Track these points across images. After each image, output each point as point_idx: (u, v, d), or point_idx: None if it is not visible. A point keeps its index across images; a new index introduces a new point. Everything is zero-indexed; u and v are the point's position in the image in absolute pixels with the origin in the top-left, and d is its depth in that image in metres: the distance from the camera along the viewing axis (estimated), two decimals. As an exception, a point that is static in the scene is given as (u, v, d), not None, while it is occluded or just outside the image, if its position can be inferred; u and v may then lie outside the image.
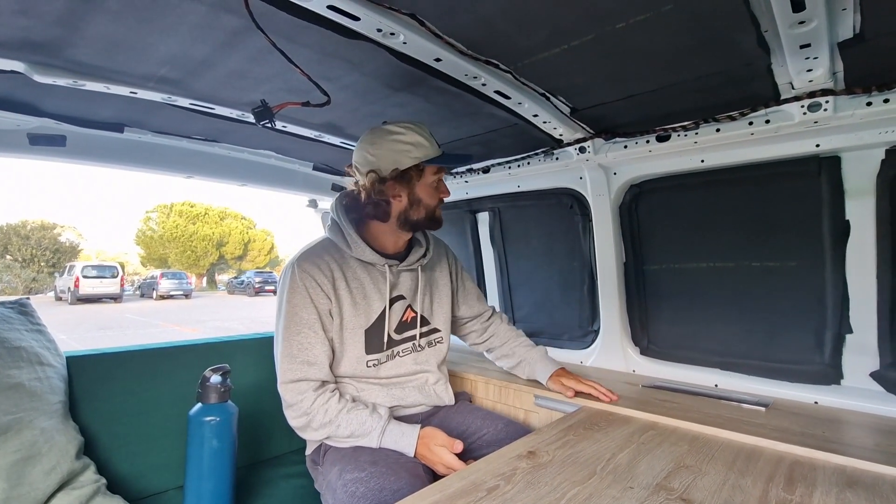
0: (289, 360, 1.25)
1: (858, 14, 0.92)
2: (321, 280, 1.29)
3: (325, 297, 1.30)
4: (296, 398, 1.24)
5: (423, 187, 1.34)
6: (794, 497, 0.87)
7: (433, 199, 1.37)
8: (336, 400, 1.26)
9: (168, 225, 35.51)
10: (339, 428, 1.24)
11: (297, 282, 1.28)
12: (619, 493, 0.88)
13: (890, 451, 1.03)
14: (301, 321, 1.27)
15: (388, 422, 1.26)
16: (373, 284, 1.37)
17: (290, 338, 1.26)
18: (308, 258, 1.32)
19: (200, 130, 1.66)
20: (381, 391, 1.38)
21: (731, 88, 1.23)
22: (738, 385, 1.54)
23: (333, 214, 1.40)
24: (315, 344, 1.27)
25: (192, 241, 35.37)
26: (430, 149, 1.31)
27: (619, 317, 1.80)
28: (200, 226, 36.26)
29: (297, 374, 1.25)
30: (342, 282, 1.33)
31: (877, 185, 1.26)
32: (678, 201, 1.65)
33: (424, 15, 0.96)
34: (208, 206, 37.95)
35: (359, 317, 1.34)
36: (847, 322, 1.36)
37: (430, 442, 1.21)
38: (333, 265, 1.32)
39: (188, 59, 1.12)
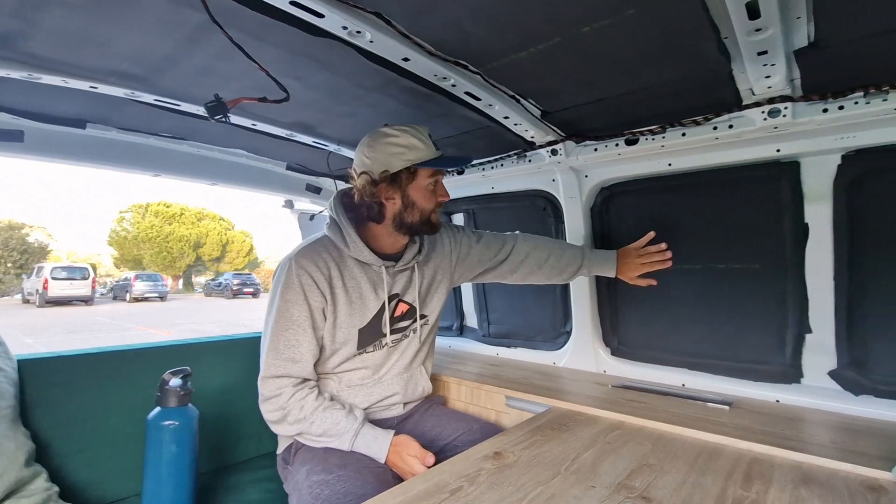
0: (273, 354, 1.25)
1: (812, 23, 0.95)
2: (317, 277, 1.28)
3: (321, 295, 1.28)
4: (274, 392, 1.24)
5: (416, 189, 1.31)
6: (751, 494, 0.88)
7: (428, 202, 1.33)
8: (314, 397, 1.25)
9: (143, 225, 34.60)
10: (312, 425, 1.23)
11: (292, 277, 1.27)
12: (581, 493, 0.88)
13: (844, 448, 1.06)
14: (291, 318, 1.26)
15: (363, 425, 1.25)
16: (369, 285, 1.36)
17: (278, 333, 1.26)
18: (306, 254, 1.30)
19: (168, 128, 1.62)
20: (360, 391, 1.37)
21: (695, 94, 1.26)
22: (705, 384, 1.57)
23: (332, 213, 1.39)
24: (302, 342, 1.26)
25: (168, 242, 34.54)
26: (423, 151, 1.29)
27: (590, 318, 1.82)
28: (177, 226, 35.43)
29: (280, 371, 1.24)
30: (339, 280, 1.31)
31: (833, 190, 1.31)
32: (647, 204, 1.68)
33: (390, 14, 0.95)
34: (185, 206, 37.13)
35: (353, 316, 1.33)
36: (807, 322, 1.40)
37: (403, 451, 1.21)
38: (331, 263, 1.31)
39: (151, 54, 1.10)
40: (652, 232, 1.58)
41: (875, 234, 1.27)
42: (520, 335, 2.12)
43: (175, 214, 35.95)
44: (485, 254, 1.60)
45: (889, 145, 1.20)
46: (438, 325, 1.58)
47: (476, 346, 2.28)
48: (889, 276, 1.26)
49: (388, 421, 1.42)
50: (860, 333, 1.31)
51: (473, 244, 1.60)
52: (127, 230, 34.94)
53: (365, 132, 1.34)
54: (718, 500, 0.86)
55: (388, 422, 1.41)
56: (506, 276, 1.65)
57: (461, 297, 2.38)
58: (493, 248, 1.61)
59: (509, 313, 2.16)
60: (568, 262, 1.62)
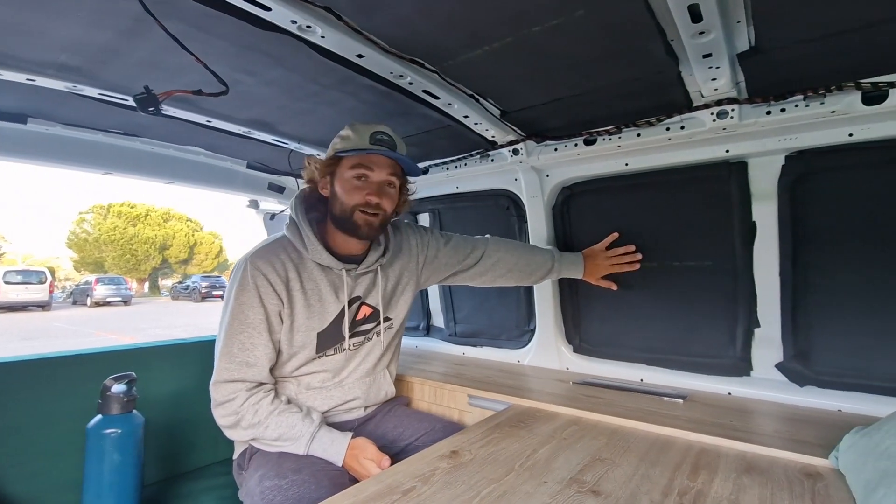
0: (227, 358, 1.21)
1: (752, 27, 0.98)
2: (273, 279, 1.24)
3: (276, 298, 1.25)
4: (227, 397, 1.20)
5: (340, 181, 1.28)
6: (696, 484, 0.91)
7: (349, 197, 1.27)
8: (269, 401, 1.22)
9: (105, 227, 33.19)
10: (267, 429, 1.20)
11: (247, 279, 1.23)
12: (533, 489, 0.89)
13: (786, 437, 1.10)
14: (246, 320, 1.22)
15: (319, 428, 1.23)
16: (329, 287, 1.32)
17: (231, 336, 1.22)
18: (263, 256, 1.26)
19: (117, 123, 1.56)
20: (319, 394, 1.34)
21: (647, 95, 1.29)
22: (662, 379, 1.61)
23: (292, 212, 1.34)
24: (257, 345, 1.23)
25: (133, 243, 33.25)
26: (352, 141, 1.25)
27: (553, 316, 1.84)
28: (142, 227, 34.15)
29: (234, 375, 1.20)
30: (296, 283, 1.28)
31: (778, 190, 1.36)
32: (607, 203, 1.71)
33: (340, 9, 0.94)
34: (150, 206, 35.83)
35: (312, 319, 1.30)
36: (755, 317, 1.46)
37: (360, 454, 1.19)
38: (289, 265, 1.27)
39: (89, 45, 1.05)
40: (616, 233, 1.64)
41: (815, 232, 1.33)
42: (485, 334, 2.13)
43: (140, 215, 34.64)
44: (453, 257, 1.59)
45: (827, 147, 1.26)
46: (405, 328, 1.56)
47: (442, 346, 2.27)
48: (828, 272, 1.32)
49: (349, 423, 1.40)
50: (803, 327, 1.37)
51: (441, 247, 1.58)
52: (88, 232, 33.46)
53: (325, 130, 1.33)
54: (665, 491, 0.88)
55: (348, 424, 1.39)
56: (475, 279, 1.65)
57: (428, 297, 2.37)
58: (462, 251, 1.60)
59: (475, 312, 2.17)
60: (538, 265, 1.64)
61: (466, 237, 1.65)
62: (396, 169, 1.31)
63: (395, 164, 1.30)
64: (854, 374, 1.29)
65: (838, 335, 1.32)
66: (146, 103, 1.08)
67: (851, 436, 0.96)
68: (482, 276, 1.64)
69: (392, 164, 1.29)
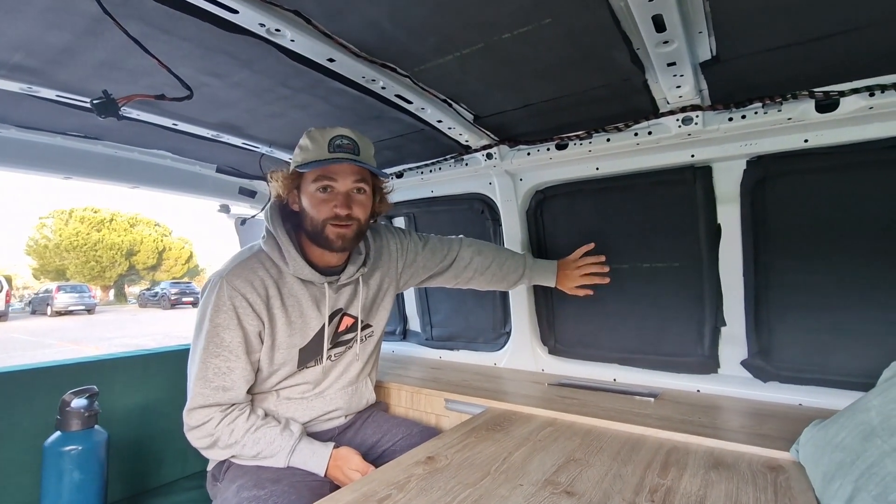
0: (202, 383, 1.15)
1: (713, 38, 1.02)
2: (253, 299, 1.17)
3: (256, 318, 1.18)
4: (200, 421, 1.15)
5: (305, 195, 1.23)
6: (667, 481, 0.93)
7: (318, 211, 1.20)
8: (244, 419, 1.17)
9: (66, 232, 31.76)
10: (244, 448, 1.16)
11: (224, 299, 1.15)
12: (508, 492, 0.89)
13: (751, 432, 1.14)
14: (222, 343, 1.16)
15: (300, 440, 1.20)
16: (311, 302, 1.27)
17: (207, 360, 1.15)
18: (240, 273, 1.18)
19: (76, 126, 1.50)
20: (300, 405, 1.31)
21: (616, 101, 1.32)
22: (634, 378, 1.65)
23: (268, 225, 1.25)
24: (234, 369, 1.17)
25: (97, 249, 31.91)
26: (310, 152, 1.19)
27: (528, 319, 1.86)
28: (106, 233, 32.82)
29: (209, 400, 1.15)
30: (277, 300, 1.21)
31: (741, 193, 1.41)
32: (578, 206, 1.74)
33: (309, 13, 0.93)
34: (116, 211, 34.53)
35: (293, 336, 1.25)
36: (721, 316, 1.50)
37: (344, 465, 1.17)
38: (269, 282, 1.20)
39: (44, 45, 1.01)
40: (592, 244, 1.67)
41: (775, 233, 1.38)
42: (462, 337, 2.13)
43: (104, 220, 33.31)
44: (431, 259, 1.58)
45: (784, 152, 1.31)
46: (384, 333, 1.55)
47: (419, 350, 2.27)
48: (787, 271, 1.38)
49: (330, 432, 1.38)
50: (765, 325, 1.42)
51: (420, 250, 1.57)
52: (48, 238, 31.95)
53: (297, 134, 1.29)
54: (637, 489, 0.90)
55: (329, 432, 1.37)
56: (449, 281, 1.65)
57: (404, 302, 2.36)
58: (438, 253, 1.59)
59: (452, 316, 2.17)
60: (510, 269, 1.64)
61: (441, 238, 1.64)
62: (363, 173, 1.23)
63: (361, 168, 1.22)
64: (813, 369, 1.35)
65: (798, 332, 1.38)
66: (105, 108, 1.04)
67: (810, 429, 1.00)
68: (456, 279, 1.64)
69: (357, 169, 1.21)
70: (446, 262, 1.60)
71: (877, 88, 1.11)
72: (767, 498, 0.85)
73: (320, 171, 1.19)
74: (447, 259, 1.60)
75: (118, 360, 1.44)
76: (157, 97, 1.13)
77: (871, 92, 1.12)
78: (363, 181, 1.24)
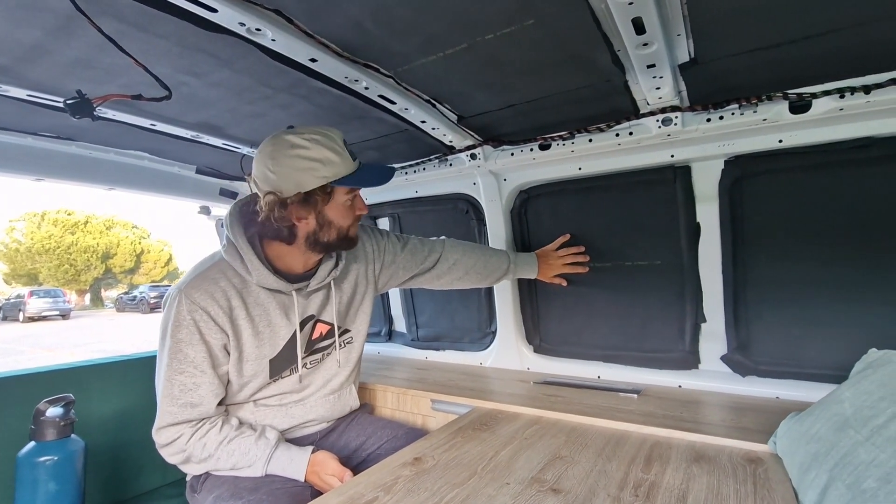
0: (169, 401, 1.12)
1: (691, 40, 1.04)
2: (215, 312, 1.12)
3: (220, 332, 1.14)
4: (170, 439, 1.12)
5: (333, 208, 1.16)
6: (650, 476, 0.95)
7: (346, 219, 1.19)
8: (216, 432, 1.14)
9: (39, 236, 30.75)
10: (219, 461, 1.13)
11: (183, 314, 1.11)
12: (495, 491, 0.90)
13: (731, 426, 1.17)
14: (185, 359, 1.11)
15: (276, 448, 1.17)
16: (279, 310, 1.22)
17: (171, 377, 1.11)
18: (199, 286, 1.13)
19: (48, 126, 1.45)
20: (279, 412, 1.29)
21: (597, 102, 1.33)
22: (618, 375, 1.67)
23: (228, 233, 1.18)
24: (201, 384, 1.13)
25: (71, 253, 30.98)
26: (340, 165, 1.12)
27: (513, 318, 1.87)
28: (81, 236, 31.89)
29: (178, 418, 1.11)
30: (241, 311, 1.16)
31: (719, 192, 1.44)
32: (562, 206, 1.76)
33: (290, 12, 0.92)
34: (90, 213, 33.59)
35: (262, 347, 1.20)
36: (702, 312, 1.54)
37: (321, 471, 1.15)
38: (231, 292, 1.15)
39: (14, 43, 0.97)
40: (567, 234, 1.68)
41: (752, 231, 1.42)
42: (448, 337, 2.13)
43: (78, 223, 32.37)
44: (411, 261, 1.54)
45: (760, 152, 1.35)
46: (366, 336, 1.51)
47: (405, 351, 2.26)
48: (764, 268, 1.41)
49: (311, 437, 1.36)
50: (744, 320, 1.46)
51: (399, 251, 1.53)
52: (19, 241, 30.89)
53: (278, 134, 1.26)
54: (621, 485, 0.91)
55: (310, 437, 1.35)
56: (432, 282, 1.62)
57: (389, 302, 2.35)
58: (419, 254, 1.56)
59: (437, 316, 2.17)
60: (494, 267, 1.64)
61: (423, 239, 1.61)
62: None
63: None
64: (789, 363, 1.39)
65: (774, 327, 1.41)
66: (79, 108, 1.00)
67: (787, 422, 1.03)
68: (440, 279, 1.61)
69: None
70: (428, 263, 1.57)
71: (847, 90, 1.15)
72: (747, 490, 0.87)
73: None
74: (429, 260, 1.57)
75: (95, 367, 1.40)
76: (134, 97, 1.10)
77: (841, 94, 1.16)
78: None
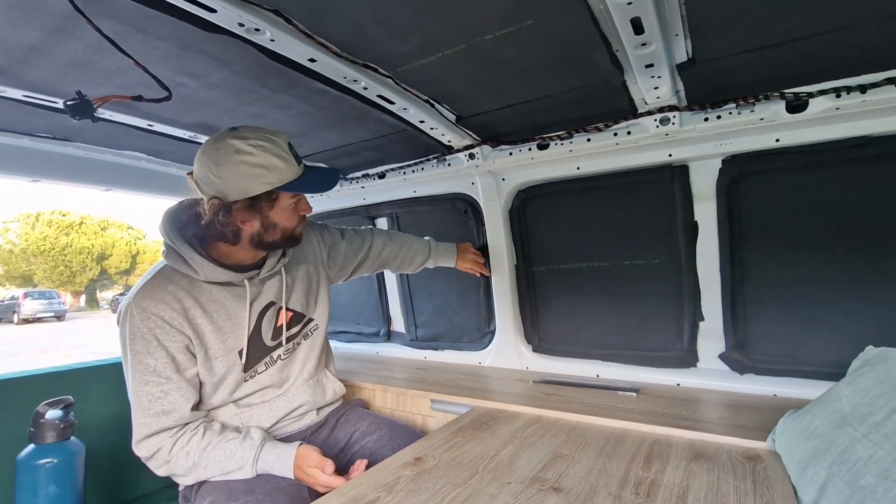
0: (141, 413, 1.10)
1: (689, 41, 1.04)
2: (170, 316, 1.11)
3: (180, 334, 1.13)
4: (151, 451, 1.10)
5: (278, 212, 1.17)
6: (650, 474, 0.95)
7: (291, 221, 1.21)
8: (198, 438, 1.13)
9: (33, 237, 30.51)
10: (206, 469, 1.12)
11: (136, 325, 1.09)
12: (497, 490, 0.90)
13: (729, 423, 1.18)
14: (147, 369, 1.10)
15: (262, 447, 1.16)
16: (236, 302, 1.22)
17: (138, 389, 1.10)
18: (147, 294, 1.12)
19: (44, 127, 1.45)
20: (262, 409, 1.27)
21: (595, 102, 1.34)
22: (617, 374, 1.68)
23: (165, 237, 1.17)
24: (169, 391, 1.11)
25: (66, 254, 30.76)
26: (286, 171, 1.12)
27: (512, 317, 1.87)
28: (76, 237, 31.66)
29: (153, 428, 1.10)
30: (197, 310, 1.15)
31: (716, 191, 1.45)
32: (560, 205, 1.76)
33: (289, 12, 0.92)
34: (85, 215, 33.36)
35: (227, 341, 1.20)
36: (700, 311, 1.54)
37: (304, 464, 1.14)
38: (181, 294, 1.14)
39: (11, 43, 0.97)
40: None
41: (749, 230, 1.43)
42: (447, 337, 2.13)
43: (73, 224, 32.16)
44: (351, 249, 1.61)
45: (757, 151, 1.35)
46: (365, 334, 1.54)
47: (404, 351, 2.26)
48: (761, 266, 1.42)
49: (301, 433, 1.35)
50: (741, 319, 1.46)
51: (340, 241, 1.59)
52: (13, 243, 30.66)
53: (275, 135, 1.26)
54: (622, 483, 0.92)
55: (300, 434, 1.34)
56: (368, 269, 1.70)
57: (387, 302, 2.35)
58: (356, 243, 1.63)
59: (435, 315, 2.17)
60: (417, 252, 1.77)
61: (356, 229, 1.68)
62: None
63: None
64: (786, 361, 1.40)
65: (772, 325, 1.42)
66: (79, 110, 1.00)
67: (785, 419, 1.04)
68: (373, 267, 1.71)
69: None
70: (363, 251, 1.65)
71: (843, 90, 1.16)
72: (746, 487, 0.88)
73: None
74: (364, 248, 1.65)
75: (94, 369, 1.39)
76: (134, 98, 1.09)
77: (837, 93, 1.17)
78: None
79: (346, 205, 2.26)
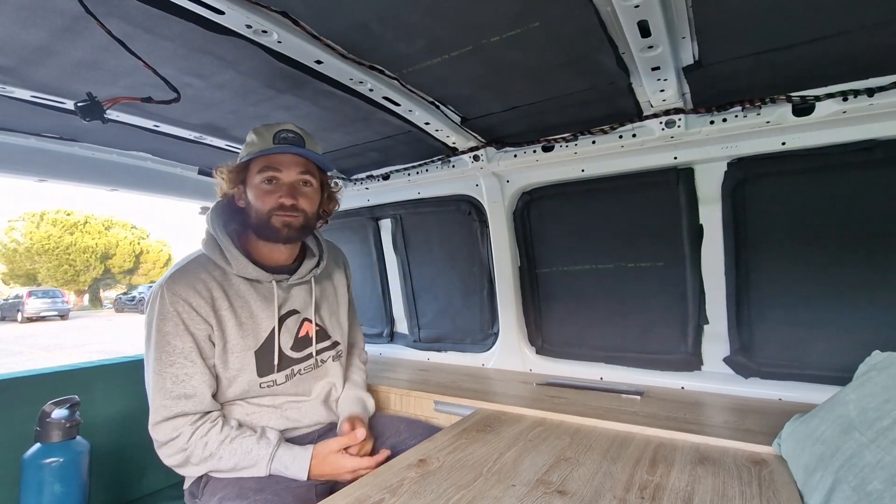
0: (162, 395, 1.11)
1: (696, 43, 1.04)
2: (197, 303, 1.14)
3: (204, 322, 1.15)
4: (170, 436, 1.10)
5: (251, 188, 1.22)
6: (655, 478, 0.95)
7: (263, 202, 1.20)
8: (218, 430, 1.13)
9: (38, 236, 30.67)
10: (221, 461, 1.12)
11: (166, 307, 1.12)
12: (501, 493, 0.90)
13: (735, 427, 1.17)
14: (174, 350, 1.11)
15: (278, 447, 1.16)
16: (260, 302, 1.23)
17: (162, 370, 1.11)
18: (180, 279, 1.15)
19: (51, 127, 1.46)
20: (273, 413, 1.27)
21: (601, 104, 1.34)
22: (620, 376, 1.67)
23: (209, 226, 1.23)
24: (193, 374, 1.13)
25: (70, 253, 30.91)
26: (256, 145, 1.20)
27: (515, 319, 1.87)
28: (80, 236, 31.80)
29: (173, 411, 1.10)
30: (224, 301, 1.18)
31: (722, 194, 1.45)
32: (564, 208, 1.76)
33: (297, 14, 0.92)
34: (89, 214, 33.51)
35: (246, 338, 1.21)
36: (704, 314, 1.54)
37: (325, 452, 1.14)
38: (212, 284, 1.17)
39: (19, 43, 0.98)
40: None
41: (755, 233, 1.42)
42: (450, 339, 2.13)
43: (77, 223, 32.31)
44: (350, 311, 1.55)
45: (763, 154, 1.35)
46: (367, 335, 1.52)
47: (407, 352, 2.26)
48: (765, 270, 1.42)
49: (310, 435, 1.34)
50: (746, 322, 1.46)
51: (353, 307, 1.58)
52: (18, 241, 30.81)
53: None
54: (626, 486, 0.91)
55: (307, 437, 1.33)
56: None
57: (391, 303, 2.35)
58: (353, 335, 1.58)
59: (439, 317, 2.17)
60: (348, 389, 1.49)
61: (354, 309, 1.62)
62: (309, 166, 1.24)
63: (307, 161, 1.23)
64: (792, 365, 1.39)
65: (777, 328, 1.42)
66: (89, 111, 1.00)
67: (791, 423, 1.03)
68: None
69: (303, 161, 1.22)
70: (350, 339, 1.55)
71: (850, 93, 1.15)
72: (752, 491, 0.87)
73: (265, 161, 1.19)
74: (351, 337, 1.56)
75: (99, 368, 1.40)
76: (143, 100, 1.10)
77: (844, 97, 1.16)
78: (309, 174, 1.24)
79: (350, 206, 2.26)
